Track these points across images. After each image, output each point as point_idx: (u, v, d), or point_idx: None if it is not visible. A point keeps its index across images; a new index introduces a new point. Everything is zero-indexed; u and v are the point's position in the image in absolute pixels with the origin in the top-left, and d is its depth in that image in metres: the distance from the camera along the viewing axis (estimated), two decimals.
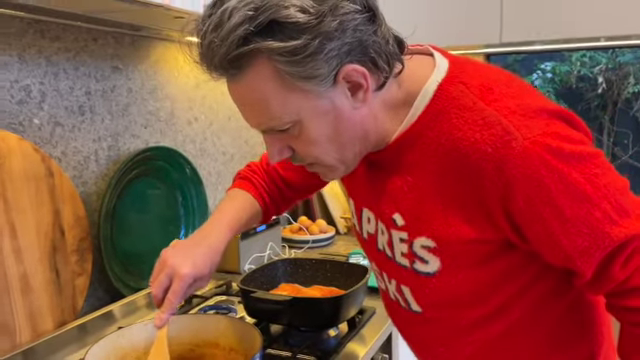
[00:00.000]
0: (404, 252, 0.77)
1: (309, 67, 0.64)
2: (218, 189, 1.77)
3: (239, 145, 1.87)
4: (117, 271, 1.33)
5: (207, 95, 1.70)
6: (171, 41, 1.54)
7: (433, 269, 0.74)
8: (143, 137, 1.46)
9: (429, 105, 0.71)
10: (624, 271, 0.66)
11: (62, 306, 1.18)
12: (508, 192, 0.65)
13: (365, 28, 0.66)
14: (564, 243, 0.66)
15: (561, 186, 0.64)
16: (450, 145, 0.69)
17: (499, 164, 0.65)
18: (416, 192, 0.73)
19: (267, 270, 1.35)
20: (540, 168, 0.63)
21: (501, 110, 0.66)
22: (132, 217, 1.39)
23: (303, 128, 0.70)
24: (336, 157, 0.74)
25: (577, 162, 0.65)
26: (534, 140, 0.64)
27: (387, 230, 0.79)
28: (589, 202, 0.64)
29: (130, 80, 1.41)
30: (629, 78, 2.77)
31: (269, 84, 0.66)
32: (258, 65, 0.65)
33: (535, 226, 0.66)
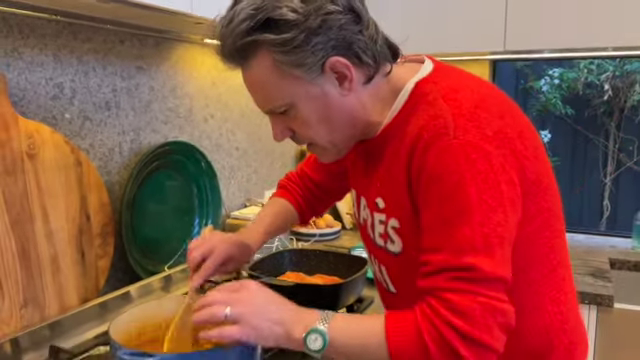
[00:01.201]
0: (381, 233, 0.87)
1: (299, 56, 0.76)
2: (231, 183, 1.87)
3: (252, 141, 1.98)
4: (136, 255, 1.44)
5: (223, 93, 1.81)
6: (191, 43, 1.65)
7: (398, 249, 0.84)
8: (163, 132, 1.56)
9: (407, 101, 0.82)
10: (446, 283, 0.71)
11: (86, 285, 1.29)
12: (420, 173, 0.75)
13: (350, 27, 0.77)
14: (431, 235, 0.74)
15: (454, 190, 0.72)
16: (410, 132, 0.79)
17: (425, 149, 0.75)
18: (393, 178, 0.83)
19: (274, 259, 1.45)
20: (449, 166, 0.72)
21: (453, 109, 0.75)
22: (151, 206, 1.50)
23: (298, 111, 0.81)
24: (327, 139, 0.85)
25: (482, 182, 0.71)
26: (460, 142, 0.72)
27: (371, 213, 0.89)
28: (466, 218, 0.71)
29: (152, 79, 1.52)
30: (635, 86, 2.82)
31: (268, 71, 0.78)
32: (260, 56, 0.77)
33: (424, 210, 0.76)
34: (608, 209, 3.35)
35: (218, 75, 1.78)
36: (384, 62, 0.83)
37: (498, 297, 0.71)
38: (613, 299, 1.56)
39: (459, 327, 0.69)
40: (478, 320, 0.70)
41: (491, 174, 0.72)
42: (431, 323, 0.71)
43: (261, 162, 2.03)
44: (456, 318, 0.70)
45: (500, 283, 0.72)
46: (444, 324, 0.70)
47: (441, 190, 0.73)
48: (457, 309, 0.70)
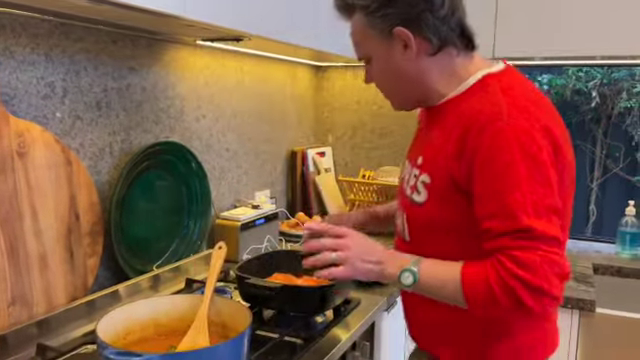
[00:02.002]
0: (412, 185, 1.04)
1: (372, 21, 0.99)
2: (221, 183, 1.88)
3: (243, 142, 1.99)
4: (125, 254, 1.45)
5: (215, 94, 1.82)
6: (183, 44, 1.65)
7: (422, 200, 1.01)
8: (154, 132, 1.57)
9: (471, 87, 0.99)
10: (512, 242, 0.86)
11: (74, 283, 1.30)
12: (475, 152, 0.90)
13: (418, 6, 0.96)
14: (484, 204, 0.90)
15: (506, 167, 0.87)
16: (467, 113, 0.94)
17: (481, 130, 0.90)
18: (436, 143, 1.00)
19: (263, 259, 1.46)
20: (502, 146, 0.88)
21: (508, 101, 0.91)
22: (140, 206, 1.51)
23: (373, 62, 1.04)
24: (390, 91, 1.08)
25: (531, 161, 0.87)
26: (512, 127, 0.88)
27: (411, 168, 1.07)
28: (517, 188, 0.86)
29: (144, 79, 1.52)
30: (622, 93, 2.86)
31: (358, 28, 1.03)
32: (355, 16, 1.02)
33: (477, 183, 0.91)
34: (594, 214, 3.40)
35: (210, 76, 1.79)
36: (451, 43, 0.99)
37: (555, 252, 0.86)
38: (595, 304, 1.59)
39: (521, 276, 0.84)
40: (538, 270, 0.84)
41: (539, 156, 0.87)
42: (497, 273, 0.86)
43: (251, 163, 2.05)
44: (519, 269, 0.84)
45: (555, 241, 0.87)
46: (509, 274, 0.85)
47: (494, 167, 0.88)
48: (520, 262, 0.85)
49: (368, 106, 2.44)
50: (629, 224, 2.04)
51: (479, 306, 0.90)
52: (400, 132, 2.40)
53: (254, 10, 1.44)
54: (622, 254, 2.04)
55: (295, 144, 2.35)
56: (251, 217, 1.81)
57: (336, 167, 2.52)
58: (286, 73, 2.25)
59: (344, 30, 0.98)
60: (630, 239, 2.03)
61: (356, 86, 2.45)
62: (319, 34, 1.84)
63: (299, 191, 2.31)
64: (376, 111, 2.43)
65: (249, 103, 2.01)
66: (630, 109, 2.91)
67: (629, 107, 2.90)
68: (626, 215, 2.05)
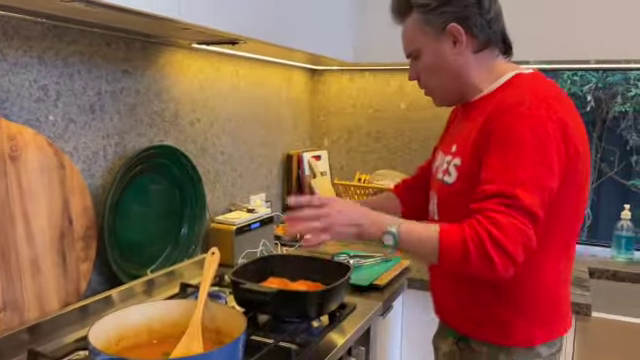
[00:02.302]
0: (444, 169, 1.16)
1: (429, 17, 1.12)
2: (216, 187, 1.87)
3: (238, 146, 1.98)
4: (118, 259, 1.43)
5: (209, 98, 1.81)
6: (178, 47, 1.64)
7: (451, 180, 1.13)
8: (148, 135, 1.56)
9: (504, 84, 1.12)
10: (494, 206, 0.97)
11: (67, 288, 1.28)
12: (492, 130, 1.02)
13: (471, 8, 1.10)
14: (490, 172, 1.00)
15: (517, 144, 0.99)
16: (494, 104, 1.07)
17: (502, 113, 1.03)
18: (469, 132, 1.11)
19: (258, 264, 1.45)
20: (517, 127, 1.00)
21: (531, 93, 1.04)
22: (134, 210, 1.50)
23: (422, 57, 1.16)
24: (436, 84, 1.19)
25: (539, 144, 0.99)
26: (531, 114, 1.00)
27: (444, 156, 1.19)
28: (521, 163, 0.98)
29: (138, 82, 1.51)
30: (617, 98, 2.87)
31: (412, 26, 1.16)
32: (411, 15, 1.15)
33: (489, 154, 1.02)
34: (590, 218, 3.40)
35: (205, 79, 1.78)
36: (494, 45, 1.14)
37: (528, 225, 0.96)
38: (591, 308, 1.58)
39: (495, 236, 0.94)
40: (511, 234, 0.94)
41: (547, 142, 0.99)
42: (474, 230, 0.96)
43: (246, 167, 2.04)
44: (494, 229, 0.94)
45: (533, 217, 0.97)
46: (484, 231, 0.95)
47: (505, 141, 1.00)
48: (495, 222, 0.95)
49: (364, 109, 2.44)
50: (624, 228, 2.04)
51: (450, 260, 0.98)
52: (395, 136, 2.39)
53: (250, 13, 1.44)
54: (617, 258, 2.04)
55: (291, 147, 2.34)
56: (246, 221, 1.80)
57: (332, 171, 2.51)
58: (282, 76, 2.25)
59: (339, 34, 0.99)
60: (625, 243, 2.03)
61: (352, 89, 2.45)
62: (315, 37, 1.83)
63: (295, 195, 2.29)
64: (372, 115, 2.43)
65: (244, 106, 2.00)
66: (625, 113, 2.92)
67: (624, 111, 2.91)
68: (621, 219, 2.05)
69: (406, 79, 2.31)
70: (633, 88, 2.87)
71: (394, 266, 1.77)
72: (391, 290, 1.60)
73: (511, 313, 1.13)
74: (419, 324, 1.76)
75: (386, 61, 2.15)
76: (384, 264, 1.79)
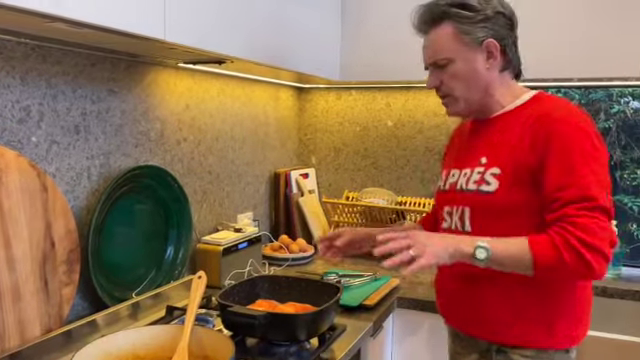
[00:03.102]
0: (476, 180, 1.21)
1: (471, 29, 1.18)
2: (203, 207, 1.85)
3: (225, 165, 1.96)
4: (102, 282, 1.40)
5: (196, 117, 1.80)
6: (164, 66, 1.63)
7: (493, 188, 1.18)
8: (134, 156, 1.54)
9: (528, 100, 1.23)
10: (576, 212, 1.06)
11: (49, 313, 1.25)
12: (552, 133, 1.11)
13: (506, 28, 1.21)
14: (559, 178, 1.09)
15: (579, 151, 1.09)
16: (536, 114, 1.16)
17: (554, 125, 1.12)
18: (500, 142, 1.20)
19: (246, 286, 1.43)
20: (574, 136, 1.11)
21: (567, 106, 1.18)
22: (119, 231, 1.47)
23: (454, 66, 1.21)
24: (462, 93, 1.23)
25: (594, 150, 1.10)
26: (577, 124, 1.12)
27: (471, 169, 1.24)
28: (586, 168, 1.08)
29: (124, 102, 1.50)
30: (600, 114, 2.90)
31: (447, 34, 1.21)
32: (444, 24, 1.20)
33: (552, 163, 1.10)
34: None
35: (192, 98, 1.77)
36: (513, 66, 1.25)
37: (607, 222, 1.06)
38: None
39: (584, 238, 1.03)
40: (597, 234, 1.03)
41: (598, 146, 1.11)
42: (563, 237, 1.04)
43: (233, 186, 2.02)
44: (582, 232, 1.03)
45: (608, 214, 1.07)
46: (572, 236, 1.03)
47: (568, 151, 1.09)
48: (580, 226, 1.04)
49: (351, 127, 2.44)
50: None
51: (547, 268, 1.06)
52: (383, 153, 2.39)
53: (236, 33, 1.43)
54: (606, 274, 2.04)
55: (278, 166, 2.33)
56: (233, 241, 1.78)
57: (320, 189, 2.50)
58: (269, 95, 2.24)
59: (326, 53, 0.98)
60: (613, 259, 2.04)
61: (339, 107, 2.45)
62: (301, 57, 1.83)
63: (282, 213, 2.28)
64: (359, 132, 2.43)
65: (231, 125, 1.99)
66: (608, 129, 2.96)
67: (607, 127, 2.94)
68: None
69: (393, 96, 2.34)
70: (615, 104, 2.92)
71: (383, 285, 1.75)
72: (381, 310, 1.59)
73: (553, 313, 1.17)
74: (410, 344, 1.75)
75: (372, 79, 2.16)
76: (373, 283, 1.77)
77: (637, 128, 2.79)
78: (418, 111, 2.32)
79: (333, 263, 2.08)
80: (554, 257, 1.04)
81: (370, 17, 2.07)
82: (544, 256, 1.05)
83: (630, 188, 2.78)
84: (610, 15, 1.77)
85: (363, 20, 2.09)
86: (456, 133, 1.44)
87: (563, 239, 1.04)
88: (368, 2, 2.07)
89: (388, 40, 2.04)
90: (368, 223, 2.24)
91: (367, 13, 2.08)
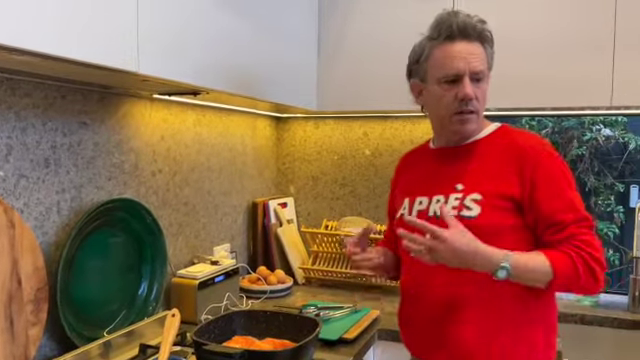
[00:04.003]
0: (455, 206, 1.24)
1: (491, 59, 1.29)
2: (178, 239, 1.81)
3: (202, 196, 1.93)
4: (71, 321, 1.34)
5: (171, 147, 1.77)
6: (139, 98, 1.61)
7: (475, 213, 1.21)
8: (107, 188, 1.50)
9: (495, 131, 1.31)
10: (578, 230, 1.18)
11: (14, 355, 1.19)
12: (537, 165, 1.20)
13: None
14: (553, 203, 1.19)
15: (562, 178, 1.21)
16: (514, 143, 1.25)
17: (538, 155, 1.22)
18: (478, 170, 1.26)
19: (221, 322, 1.39)
20: (556, 166, 1.22)
21: (539, 138, 1.30)
22: (91, 266, 1.42)
23: (484, 82, 1.27)
24: (482, 111, 1.28)
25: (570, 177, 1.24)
26: (553, 153, 1.25)
27: (445, 196, 1.26)
28: (571, 192, 1.21)
29: (96, 134, 1.47)
30: (573, 141, 2.97)
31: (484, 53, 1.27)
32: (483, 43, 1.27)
33: (541, 189, 1.19)
34: None
35: (167, 129, 1.75)
36: None
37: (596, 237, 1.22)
38: (562, 355, 1.57)
39: (594, 254, 1.16)
40: (599, 250, 1.18)
41: (570, 173, 1.25)
42: (579, 254, 1.16)
43: (210, 217, 1.98)
44: (592, 249, 1.16)
45: (594, 229, 1.22)
46: (587, 254, 1.16)
47: (554, 178, 1.21)
48: (590, 244, 1.17)
49: (329, 156, 2.44)
50: None
51: (563, 283, 1.17)
52: (361, 182, 2.39)
53: (211, 64, 1.43)
54: (583, 301, 2.05)
55: (256, 195, 2.31)
56: (210, 274, 1.74)
57: (299, 218, 2.48)
58: (246, 125, 2.23)
59: (303, 83, 0.98)
60: None
61: (317, 136, 2.45)
62: (278, 87, 1.83)
63: (260, 244, 2.25)
64: (337, 161, 2.43)
65: (208, 155, 1.97)
66: (581, 156, 3.02)
67: (580, 154, 3.01)
68: None
69: (370, 126, 2.35)
70: (588, 132, 2.99)
71: (364, 317, 1.73)
72: (361, 343, 1.56)
73: (538, 330, 1.23)
74: None
75: (349, 109, 2.17)
76: (353, 315, 1.74)
77: (609, 155, 2.86)
78: (395, 140, 2.33)
79: (312, 294, 2.05)
80: (572, 273, 1.15)
81: (346, 48, 2.09)
82: (564, 272, 1.15)
83: (605, 214, 2.84)
84: (581, 48, 1.82)
85: (339, 51, 2.10)
86: (408, 162, 1.47)
87: (579, 256, 1.15)
88: (344, 33, 2.09)
89: (364, 70, 2.06)
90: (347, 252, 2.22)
91: (343, 44, 2.10)
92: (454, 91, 1.23)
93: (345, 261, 2.22)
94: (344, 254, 2.22)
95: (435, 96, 1.27)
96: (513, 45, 1.84)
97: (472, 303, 1.22)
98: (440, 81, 1.25)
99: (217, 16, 1.45)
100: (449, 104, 1.25)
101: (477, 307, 1.22)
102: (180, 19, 1.29)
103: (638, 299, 1.87)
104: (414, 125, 2.30)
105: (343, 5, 2.09)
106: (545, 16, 1.85)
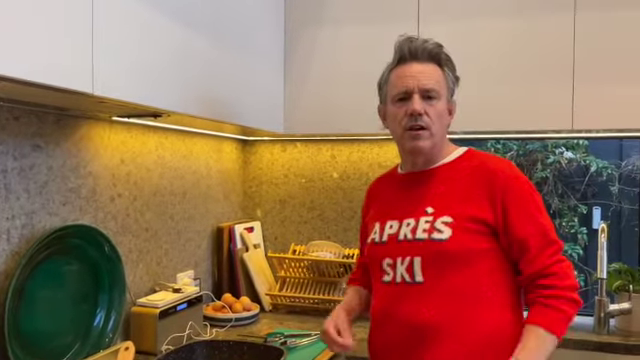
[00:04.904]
0: (426, 229, 1.23)
1: (451, 83, 1.32)
2: (139, 266, 1.74)
3: (164, 221, 1.87)
4: (20, 354, 1.26)
5: (132, 171, 1.71)
6: (97, 120, 1.56)
7: (446, 236, 1.21)
8: (61, 215, 1.44)
9: (462, 155, 1.33)
10: (549, 259, 1.20)
11: None
12: (507, 189, 1.23)
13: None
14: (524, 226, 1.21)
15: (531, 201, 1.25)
16: (482, 167, 1.27)
17: (507, 179, 1.24)
18: (447, 193, 1.26)
19: (182, 353, 1.34)
20: (525, 189, 1.26)
21: (504, 162, 1.32)
22: (43, 296, 1.35)
23: (438, 101, 1.27)
24: (436, 131, 1.27)
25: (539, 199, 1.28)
26: (522, 176, 1.29)
27: (416, 219, 1.26)
28: (541, 214, 1.25)
29: (51, 158, 1.41)
30: (537, 164, 3.03)
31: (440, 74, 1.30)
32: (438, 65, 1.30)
33: (512, 212, 1.21)
34: None
35: (127, 152, 1.69)
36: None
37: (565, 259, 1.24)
38: None
39: (568, 284, 1.19)
40: (570, 275, 1.21)
41: (541, 199, 1.29)
42: (556, 297, 1.18)
43: (172, 243, 1.92)
44: (565, 280, 1.19)
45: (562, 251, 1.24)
46: (561, 290, 1.18)
47: (525, 202, 1.23)
48: (561, 275, 1.19)
49: (297, 179, 2.41)
50: None
51: (564, 330, 1.18)
52: (329, 205, 2.37)
53: (172, 86, 1.39)
54: None
55: (222, 220, 2.25)
56: (172, 302, 1.67)
57: (266, 242, 2.43)
58: (211, 147, 2.19)
59: (268, 105, 0.95)
60: None
61: (284, 159, 2.43)
62: (243, 109, 1.81)
63: (226, 270, 2.19)
64: (304, 184, 2.40)
65: (171, 179, 1.91)
66: (546, 179, 3.08)
67: (545, 177, 3.06)
68: None
69: (338, 149, 2.34)
70: (551, 155, 3.05)
71: None
72: None
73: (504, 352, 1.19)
74: None
75: (316, 132, 2.16)
76: (320, 343, 1.69)
77: (572, 177, 2.92)
78: (363, 163, 2.32)
79: (279, 322, 2.00)
80: (563, 319, 1.18)
81: (313, 71, 2.09)
82: (558, 326, 1.17)
83: (569, 235, 2.88)
84: (543, 74, 1.86)
85: (306, 74, 2.10)
86: (379, 187, 1.47)
87: (556, 297, 1.18)
88: (311, 56, 2.09)
89: (331, 93, 2.05)
90: (315, 277, 2.18)
91: (310, 67, 2.09)
92: (405, 108, 1.26)
93: (314, 286, 2.17)
94: (312, 279, 2.18)
95: (391, 115, 1.31)
96: (478, 70, 1.87)
97: (441, 329, 1.20)
98: (394, 100, 1.29)
99: (178, 36, 1.42)
100: (401, 120, 1.27)
101: (446, 332, 1.20)
102: (138, 39, 1.26)
103: (603, 320, 1.88)
104: (381, 148, 2.30)
105: (309, 29, 2.09)
106: (508, 43, 1.89)
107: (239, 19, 1.76)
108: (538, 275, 1.20)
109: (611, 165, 3.50)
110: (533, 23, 1.86)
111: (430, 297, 1.21)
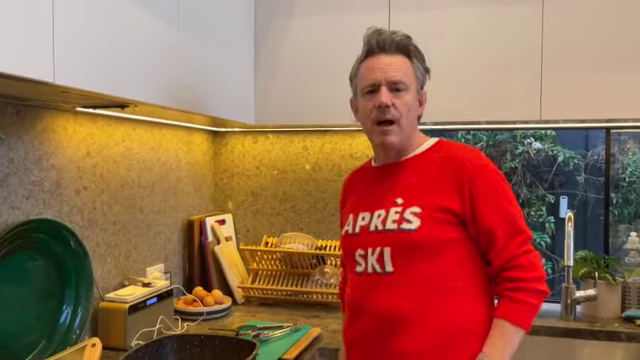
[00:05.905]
0: (395, 219, 1.24)
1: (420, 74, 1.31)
2: (107, 261, 1.70)
3: (133, 214, 1.83)
4: None
5: (98, 164, 1.67)
6: (61, 111, 1.51)
7: (415, 226, 1.22)
8: (24, 209, 1.39)
9: (433, 146, 1.33)
10: (517, 250, 1.20)
11: None
12: (475, 179, 1.23)
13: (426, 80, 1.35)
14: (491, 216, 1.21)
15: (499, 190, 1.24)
16: (451, 157, 1.27)
17: (476, 168, 1.24)
18: (417, 184, 1.27)
19: (152, 348, 1.31)
20: (493, 178, 1.25)
21: (473, 152, 1.31)
22: (6, 293, 1.31)
23: (407, 93, 1.27)
24: (405, 123, 1.27)
25: (508, 187, 1.29)
26: (491, 165, 1.29)
27: (386, 210, 1.27)
28: (510, 203, 1.24)
29: (12, 150, 1.36)
30: (507, 154, 3.07)
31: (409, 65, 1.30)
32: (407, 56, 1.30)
33: (480, 201, 1.21)
34: None
35: (93, 144, 1.65)
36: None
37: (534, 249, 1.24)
38: None
39: (535, 276, 1.20)
40: (537, 266, 1.21)
41: (508, 185, 1.30)
42: (521, 290, 1.19)
43: (142, 237, 1.88)
44: (529, 272, 1.20)
45: (531, 240, 1.25)
46: (527, 281, 1.19)
47: (493, 191, 1.23)
48: (526, 266, 1.20)
49: (269, 171, 2.39)
50: None
51: (530, 322, 1.20)
52: (301, 197, 2.36)
53: (138, 76, 1.36)
54: None
55: (192, 212, 2.22)
56: (141, 297, 1.64)
57: (237, 235, 2.41)
58: (180, 139, 2.15)
59: (239, 96, 0.93)
60: None
61: (256, 151, 2.40)
62: (213, 100, 1.78)
63: (197, 263, 2.16)
64: (276, 176, 2.38)
65: (139, 172, 1.87)
66: (515, 169, 3.12)
67: (514, 167, 3.11)
68: None
69: (310, 140, 2.33)
70: (520, 145, 3.09)
71: (304, 336, 1.68)
72: None
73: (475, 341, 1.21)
74: None
75: (288, 123, 2.14)
76: (294, 334, 1.69)
77: (540, 167, 2.98)
78: (335, 154, 2.32)
79: (252, 314, 1.99)
80: (529, 311, 1.20)
81: (283, 62, 2.07)
82: (523, 318, 1.19)
83: (537, 224, 2.94)
84: (511, 65, 1.87)
85: (277, 65, 2.07)
86: (354, 180, 1.46)
87: (522, 289, 1.19)
88: (281, 47, 2.07)
89: (302, 85, 2.04)
90: (288, 269, 2.17)
91: (280, 58, 2.07)
92: (373, 101, 1.26)
93: (286, 278, 2.17)
94: (285, 271, 2.17)
95: (360, 108, 1.31)
96: (447, 61, 1.88)
97: (411, 318, 1.20)
98: (363, 92, 1.29)
99: (144, 24, 1.38)
100: (369, 113, 1.27)
101: (416, 322, 1.20)
102: (102, 26, 1.22)
103: (570, 307, 1.92)
104: (354, 139, 2.29)
105: (280, 19, 2.07)
106: (477, 33, 1.90)
107: (207, 7, 1.72)
108: (505, 267, 1.22)
109: (577, 155, 3.59)
110: (502, 13, 1.88)
111: (400, 287, 1.21)
